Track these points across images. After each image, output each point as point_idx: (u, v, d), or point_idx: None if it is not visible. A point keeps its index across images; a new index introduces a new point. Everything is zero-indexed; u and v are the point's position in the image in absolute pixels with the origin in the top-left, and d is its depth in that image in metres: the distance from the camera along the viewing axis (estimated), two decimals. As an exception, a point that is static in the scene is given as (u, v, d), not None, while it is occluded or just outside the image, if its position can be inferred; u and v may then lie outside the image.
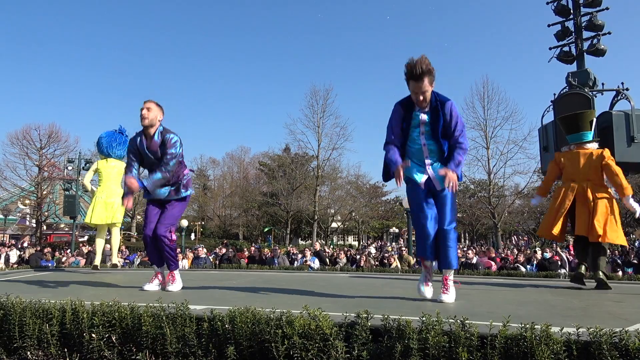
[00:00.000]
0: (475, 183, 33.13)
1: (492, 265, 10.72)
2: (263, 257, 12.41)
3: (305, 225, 39.89)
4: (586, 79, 7.97)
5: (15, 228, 37.04)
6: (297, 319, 2.16)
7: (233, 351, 2.16)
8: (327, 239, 38.61)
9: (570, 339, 1.92)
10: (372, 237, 48.66)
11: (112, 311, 2.47)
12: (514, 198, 30.54)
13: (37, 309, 2.60)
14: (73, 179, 21.54)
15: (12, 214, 35.34)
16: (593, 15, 8.38)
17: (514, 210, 31.89)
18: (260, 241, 38.38)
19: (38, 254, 13.34)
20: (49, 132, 32.07)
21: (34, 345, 2.49)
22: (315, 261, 12.21)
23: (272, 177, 39.28)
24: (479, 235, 46.17)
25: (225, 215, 45.30)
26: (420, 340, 1.99)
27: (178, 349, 2.27)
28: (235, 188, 44.81)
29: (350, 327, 2.15)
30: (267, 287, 4.40)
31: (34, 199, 32.11)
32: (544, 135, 8.22)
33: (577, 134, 4.66)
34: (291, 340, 2.10)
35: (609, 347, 1.83)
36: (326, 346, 2.08)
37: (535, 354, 1.86)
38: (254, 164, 47.96)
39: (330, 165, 34.69)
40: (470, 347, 1.94)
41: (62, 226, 39.77)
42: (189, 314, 2.38)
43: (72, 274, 6.06)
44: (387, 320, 2.14)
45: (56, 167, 31.85)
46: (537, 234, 4.73)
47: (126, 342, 2.40)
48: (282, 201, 35.12)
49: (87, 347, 2.39)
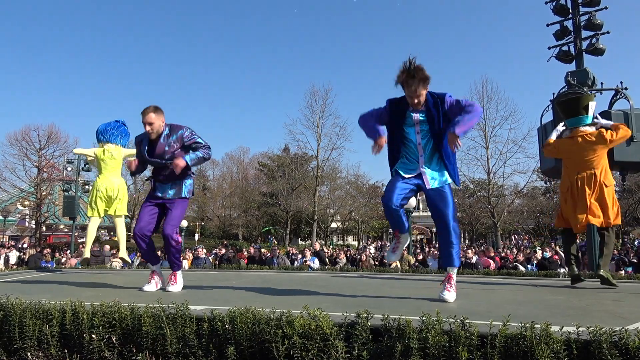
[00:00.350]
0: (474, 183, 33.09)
1: (491, 264, 10.74)
2: (263, 258, 12.41)
3: (305, 226, 39.88)
4: (585, 78, 7.98)
5: (15, 229, 37.01)
6: (297, 319, 2.16)
7: (233, 351, 2.16)
8: (326, 239, 38.60)
9: (570, 338, 1.92)
10: (371, 237, 48.65)
11: (112, 312, 2.47)
12: (513, 197, 30.59)
13: (37, 310, 2.60)
14: (72, 180, 21.55)
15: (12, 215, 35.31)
16: (592, 15, 8.38)
17: (513, 209, 31.95)
18: (259, 241, 38.37)
19: (38, 255, 13.34)
20: (48, 133, 32.08)
21: (34, 346, 2.48)
22: (315, 261, 12.22)
23: (271, 178, 39.27)
24: (478, 235, 46.16)
25: (224, 215, 45.32)
26: (421, 339, 1.99)
27: (178, 349, 2.27)
28: (234, 188, 44.83)
29: (350, 327, 2.15)
30: (266, 287, 4.40)
31: (33, 200, 32.09)
32: (543, 135, 8.22)
33: (576, 118, 4.74)
34: (291, 340, 2.11)
35: (609, 346, 1.84)
36: (326, 346, 2.08)
37: (535, 353, 1.86)
38: (253, 164, 47.97)
39: (329, 165, 34.75)
40: (470, 347, 1.95)
41: (61, 227, 39.73)
42: (189, 314, 2.38)
43: (72, 275, 6.06)
44: (387, 320, 2.14)
45: (55, 168, 31.83)
46: (577, 228, 4.64)
47: (126, 342, 2.40)
48: (281, 201, 35.12)
49: (87, 347, 2.39)
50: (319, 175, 33.41)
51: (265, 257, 12.46)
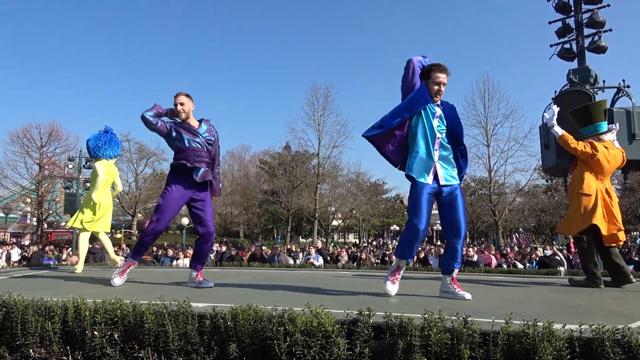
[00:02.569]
0: (475, 181, 33.15)
1: (492, 260, 10.76)
2: (264, 255, 12.41)
3: (306, 223, 39.90)
4: (587, 76, 7.95)
5: (16, 226, 37.11)
6: (299, 317, 2.16)
7: (235, 348, 2.17)
8: (327, 236, 38.61)
9: (573, 335, 1.92)
10: (372, 234, 48.66)
11: (114, 309, 2.47)
12: (514, 196, 30.59)
13: (40, 306, 2.61)
14: (74, 177, 21.56)
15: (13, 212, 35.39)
16: (594, 12, 8.36)
17: (514, 207, 31.93)
18: (260, 239, 38.38)
19: (40, 252, 13.38)
20: (49, 131, 32.13)
21: (36, 342, 2.49)
22: (319, 259, 12.22)
23: (272, 175, 39.27)
24: (479, 233, 46.15)
25: (225, 213, 45.28)
26: (423, 337, 1.99)
27: (180, 346, 2.28)
28: (235, 186, 44.76)
29: (352, 325, 2.15)
30: (268, 284, 4.40)
31: (34, 197, 32.14)
32: (544, 133, 8.20)
33: (592, 126, 4.50)
34: (293, 337, 2.11)
35: (611, 344, 1.83)
36: (328, 343, 2.08)
37: (537, 350, 1.86)
38: (254, 162, 47.95)
39: (330, 163, 34.69)
40: (472, 344, 1.94)
41: (62, 224, 39.81)
42: (191, 311, 2.38)
43: (73, 272, 6.06)
44: (389, 318, 2.13)
45: (57, 166, 31.89)
46: (610, 239, 4.24)
47: (128, 339, 2.40)
48: (282, 199, 35.11)
49: (89, 344, 2.39)
50: (320, 173, 33.39)
51: (267, 255, 12.46)
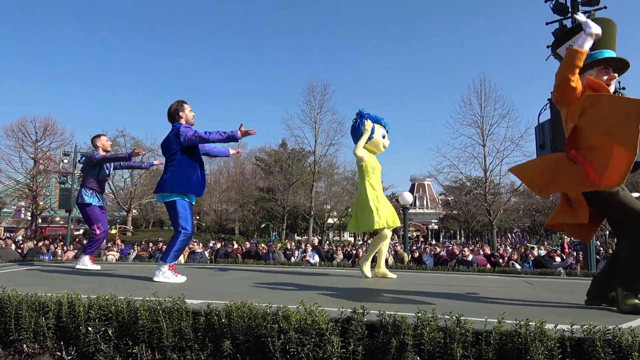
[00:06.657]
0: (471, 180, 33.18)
1: (487, 265, 10.79)
2: (259, 253, 12.42)
3: (302, 221, 39.85)
4: (583, 78, 7.97)
5: (10, 221, 36.90)
6: (294, 314, 2.17)
7: (229, 345, 2.17)
8: (323, 234, 38.60)
9: (564, 335, 1.94)
10: (367, 233, 48.65)
11: (108, 305, 2.47)
12: (509, 196, 30.66)
13: (34, 302, 2.60)
14: (69, 172, 21.43)
15: (7, 206, 35.18)
16: (591, 14, 8.38)
17: (509, 207, 32.04)
18: (256, 236, 38.33)
19: (36, 249, 13.28)
20: (44, 125, 31.96)
21: (30, 338, 2.48)
22: (315, 257, 12.22)
23: (268, 173, 39.18)
24: (474, 233, 46.31)
25: (221, 210, 45.18)
26: (416, 336, 2.00)
27: (174, 342, 2.28)
28: (231, 183, 44.62)
29: (346, 323, 2.17)
30: (263, 282, 4.40)
31: (29, 192, 31.98)
32: (540, 134, 8.25)
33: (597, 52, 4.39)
34: (287, 335, 2.11)
35: (602, 344, 1.85)
36: (322, 341, 2.09)
37: (529, 350, 1.87)
38: (250, 159, 47.81)
39: (326, 161, 34.63)
40: (465, 343, 1.96)
41: (57, 219, 39.63)
42: (185, 308, 2.39)
43: (68, 267, 6.05)
44: (383, 316, 2.15)
45: (52, 160, 31.72)
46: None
47: (122, 335, 2.40)
48: (278, 196, 35.05)
49: (83, 340, 2.39)
50: (316, 171, 33.36)
51: (261, 252, 12.47)
